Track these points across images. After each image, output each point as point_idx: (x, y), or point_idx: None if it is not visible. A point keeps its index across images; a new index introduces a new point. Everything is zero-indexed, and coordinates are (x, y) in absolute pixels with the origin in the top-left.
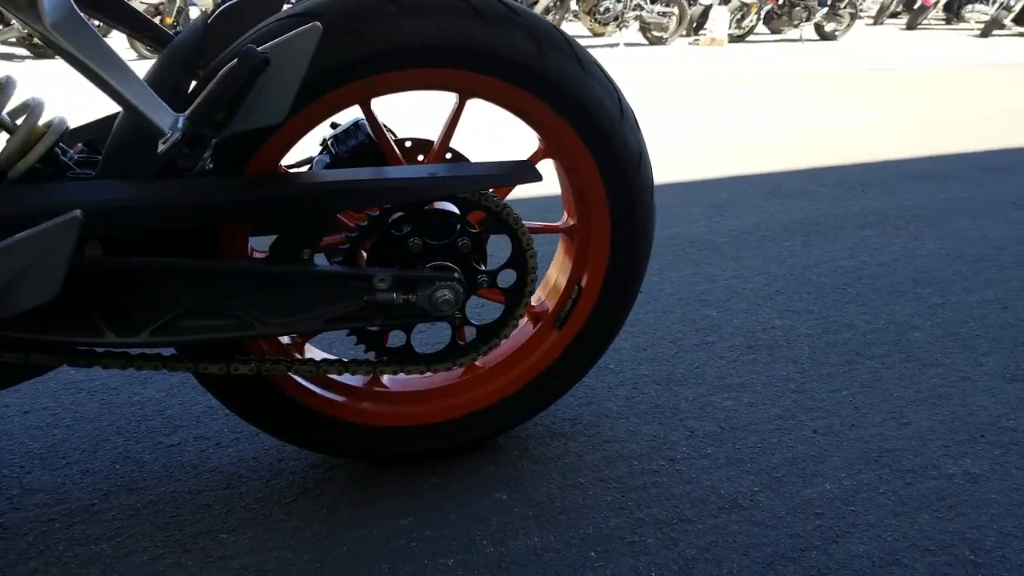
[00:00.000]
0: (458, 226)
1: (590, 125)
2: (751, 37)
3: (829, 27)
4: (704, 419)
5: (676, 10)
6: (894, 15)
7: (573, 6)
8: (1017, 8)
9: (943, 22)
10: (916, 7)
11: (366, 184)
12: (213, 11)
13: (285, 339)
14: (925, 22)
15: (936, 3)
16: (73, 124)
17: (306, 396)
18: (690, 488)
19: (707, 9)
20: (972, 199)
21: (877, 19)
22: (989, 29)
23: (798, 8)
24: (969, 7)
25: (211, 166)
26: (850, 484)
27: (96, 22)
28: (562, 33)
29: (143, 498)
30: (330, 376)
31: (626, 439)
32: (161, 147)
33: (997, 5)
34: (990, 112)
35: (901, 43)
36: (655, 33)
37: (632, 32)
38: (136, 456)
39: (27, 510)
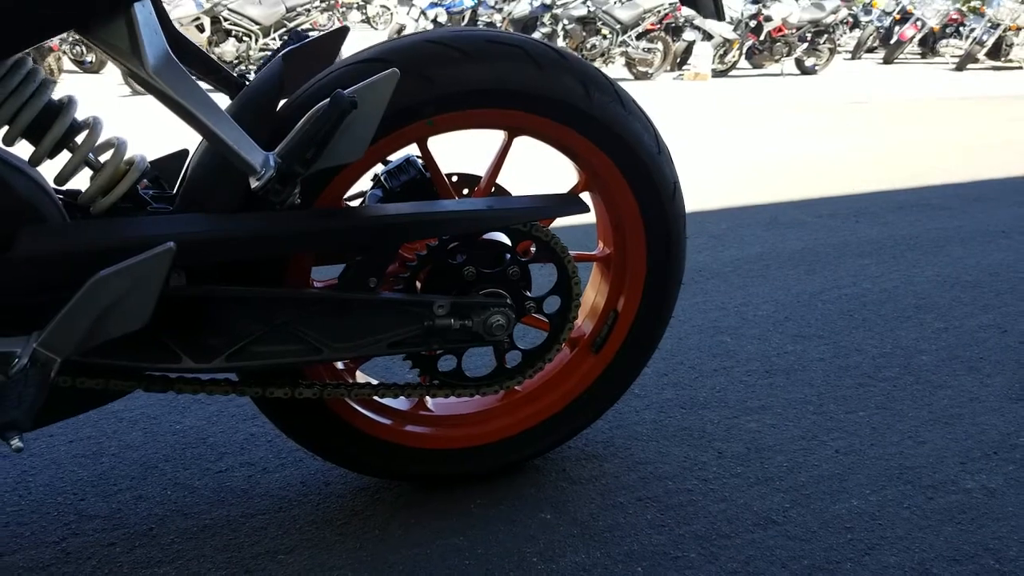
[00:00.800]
0: (507, 255)
1: (630, 160)
2: (733, 72)
3: (809, 62)
4: (731, 440)
5: (660, 46)
6: (871, 50)
7: (561, 43)
8: (989, 43)
9: (919, 56)
10: (892, 42)
11: (432, 216)
12: (275, 53)
13: (339, 364)
14: (901, 56)
15: (912, 38)
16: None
17: (358, 419)
18: (725, 506)
19: (690, 45)
20: (963, 228)
21: (855, 54)
22: (964, 63)
23: (779, 44)
24: (944, 42)
25: (299, 200)
26: (875, 499)
27: None
28: (605, 76)
29: (199, 522)
30: (378, 400)
31: (658, 460)
32: (255, 183)
33: (970, 40)
34: (969, 143)
35: (879, 77)
36: (640, 68)
37: (618, 67)
38: (186, 482)
39: (86, 535)
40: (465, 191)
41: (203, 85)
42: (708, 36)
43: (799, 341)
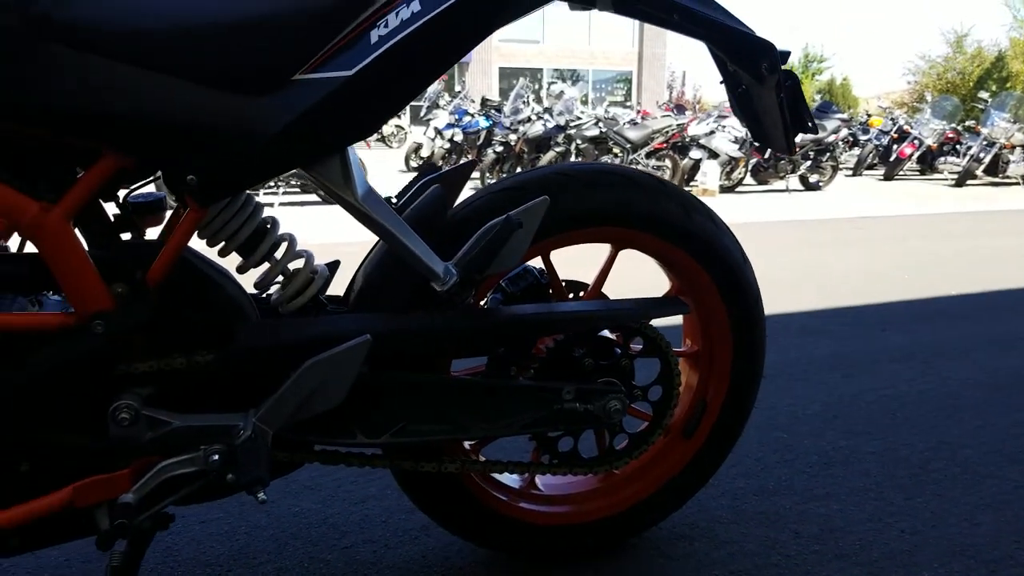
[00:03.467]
0: (619, 350)
1: (720, 269)
2: (740, 188)
3: (813, 178)
4: (804, 523)
5: (669, 163)
6: (871, 166)
7: (573, 160)
8: (987, 160)
9: (918, 173)
10: (892, 159)
11: (565, 315)
12: (416, 180)
13: (466, 444)
14: (901, 173)
15: (910, 156)
16: None
17: (481, 494)
18: None
19: (697, 162)
20: (982, 336)
21: (856, 171)
22: (963, 179)
23: (783, 161)
24: (942, 159)
25: (471, 301)
26: (944, 572)
27: None
28: (698, 199)
29: None
30: (496, 477)
31: (742, 540)
32: (439, 288)
33: (968, 157)
34: (973, 255)
35: (882, 192)
36: None
37: None
38: (319, 556)
39: None
40: (571, 295)
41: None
42: (714, 154)
43: (850, 437)
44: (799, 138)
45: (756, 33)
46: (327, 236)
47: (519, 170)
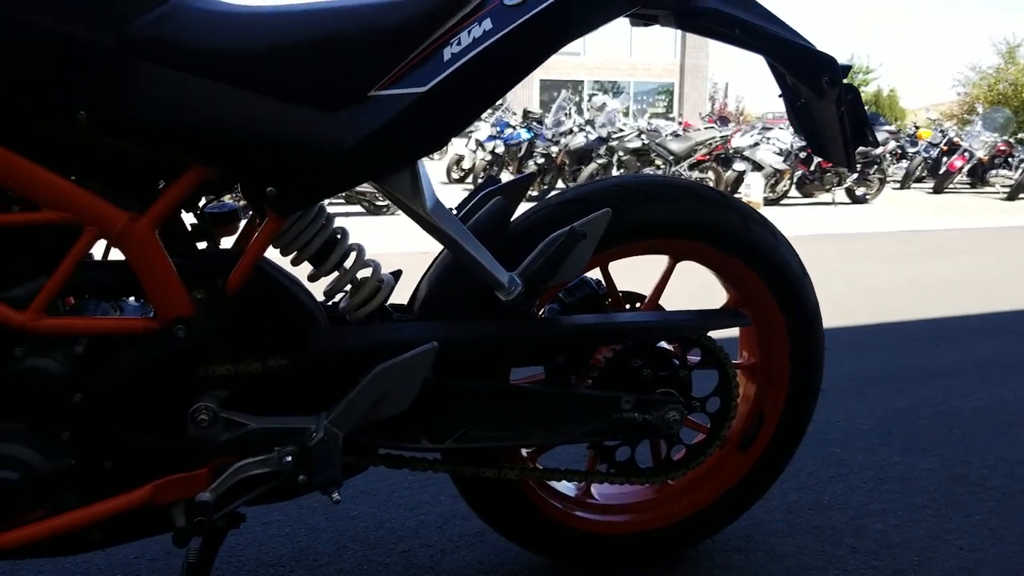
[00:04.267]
0: (676, 360)
1: (780, 282)
2: (784, 200)
3: (860, 191)
4: (861, 537)
5: (712, 175)
6: (919, 179)
7: (615, 172)
8: None
9: (968, 186)
10: (941, 172)
11: (626, 326)
12: (477, 191)
13: (523, 452)
14: (951, 186)
15: (960, 169)
16: None
17: (538, 501)
18: None
19: (741, 175)
20: None
21: (904, 183)
22: (1015, 193)
23: (829, 174)
24: (993, 172)
25: (535, 311)
26: None
27: None
28: (758, 212)
29: None
30: (552, 485)
31: (798, 553)
32: (504, 297)
33: (1021, 170)
34: None
35: (930, 205)
36: None
37: None
38: (377, 560)
39: None
40: (627, 307)
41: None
42: (758, 167)
43: (906, 453)
44: None
45: (816, 47)
46: (371, 247)
47: (560, 182)
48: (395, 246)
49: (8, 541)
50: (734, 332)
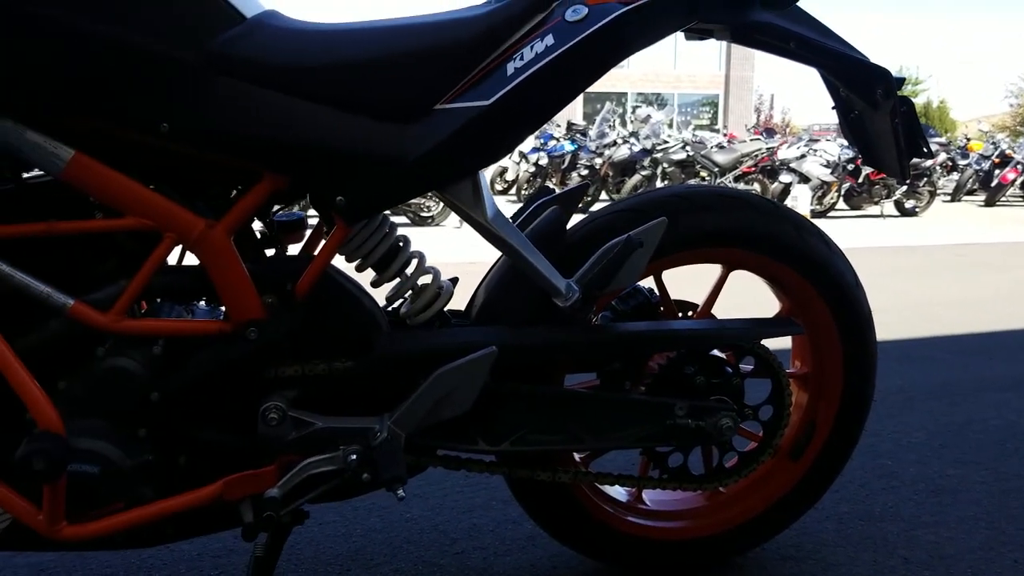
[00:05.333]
0: (729, 368)
1: (833, 291)
2: (832, 213)
3: (909, 204)
4: (913, 549)
5: (758, 187)
6: (970, 192)
7: (659, 184)
8: None
9: (1021, 199)
10: (993, 185)
11: (682, 333)
12: (531, 200)
13: (576, 456)
14: (1003, 199)
15: (1013, 181)
16: None
17: (592, 507)
18: None
19: (787, 186)
20: None
21: (955, 196)
22: None
23: (878, 186)
24: None
25: (591, 317)
26: None
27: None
28: (811, 222)
29: None
30: (605, 490)
31: (849, 563)
32: (562, 304)
33: None
34: None
35: (982, 218)
36: None
37: None
38: (431, 560)
39: None
40: (680, 314)
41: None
42: (805, 179)
43: (958, 466)
44: None
45: (871, 60)
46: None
47: (604, 194)
48: (439, 256)
49: (85, 532)
50: (786, 342)
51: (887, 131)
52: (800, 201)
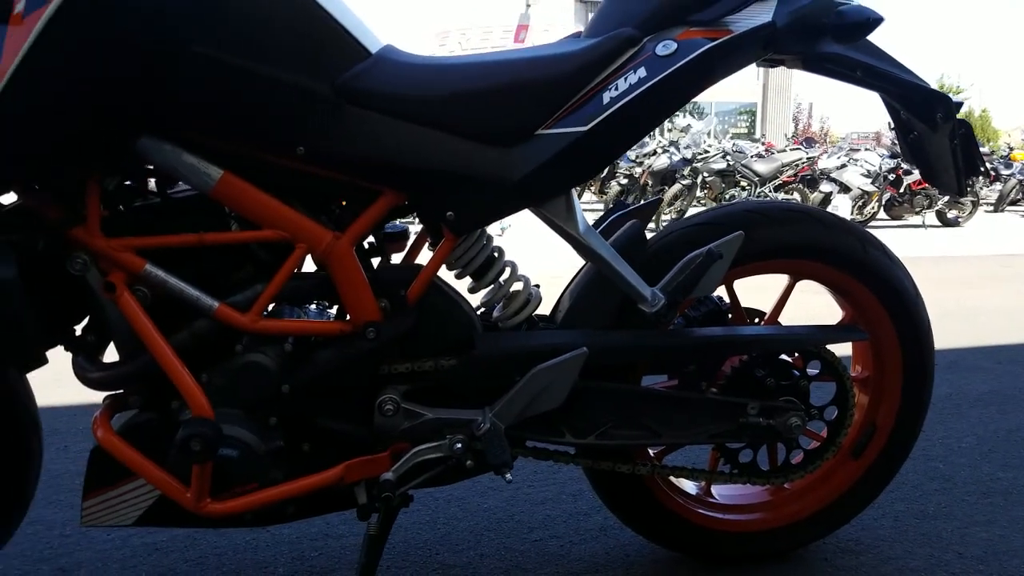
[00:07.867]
0: (797, 371)
1: (895, 301)
2: (873, 223)
3: (951, 214)
4: (968, 545)
5: (798, 197)
6: (1014, 202)
7: (699, 193)
8: None
9: None
10: None
11: (753, 338)
12: (608, 213)
13: (651, 451)
14: None
15: None
16: None
17: (664, 497)
18: None
19: (827, 196)
20: None
21: (997, 206)
22: None
23: (919, 196)
24: None
25: (674, 323)
26: None
27: None
28: (873, 235)
29: (538, 575)
30: (677, 483)
31: (906, 557)
32: (648, 311)
33: None
34: None
35: None
36: None
37: None
38: (513, 547)
39: None
40: (747, 321)
41: None
42: (845, 188)
43: (1009, 470)
44: None
45: (931, 86)
46: None
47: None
48: None
49: (225, 509)
50: (846, 348)
51: (946, 151)
52: (840, 211)
